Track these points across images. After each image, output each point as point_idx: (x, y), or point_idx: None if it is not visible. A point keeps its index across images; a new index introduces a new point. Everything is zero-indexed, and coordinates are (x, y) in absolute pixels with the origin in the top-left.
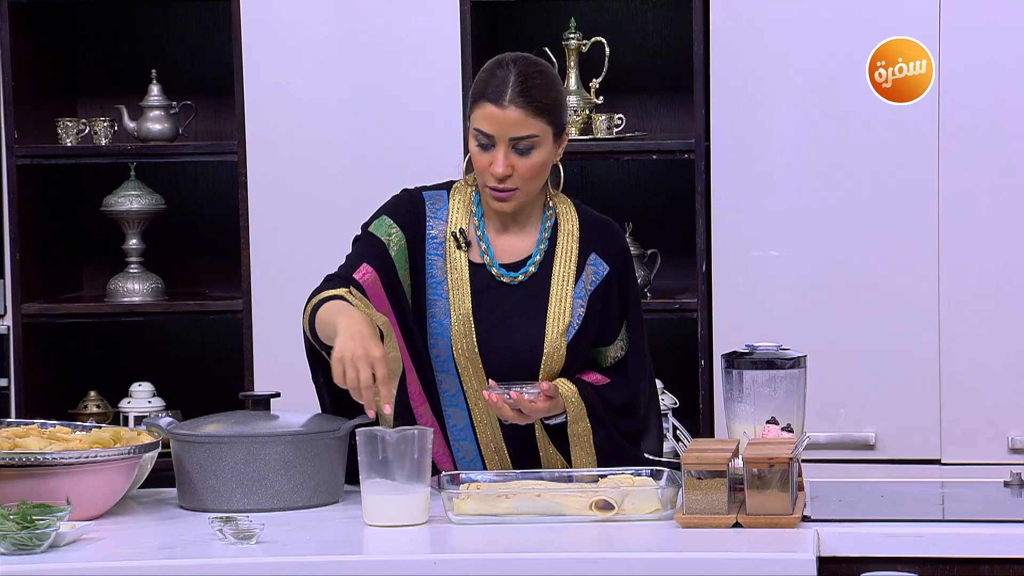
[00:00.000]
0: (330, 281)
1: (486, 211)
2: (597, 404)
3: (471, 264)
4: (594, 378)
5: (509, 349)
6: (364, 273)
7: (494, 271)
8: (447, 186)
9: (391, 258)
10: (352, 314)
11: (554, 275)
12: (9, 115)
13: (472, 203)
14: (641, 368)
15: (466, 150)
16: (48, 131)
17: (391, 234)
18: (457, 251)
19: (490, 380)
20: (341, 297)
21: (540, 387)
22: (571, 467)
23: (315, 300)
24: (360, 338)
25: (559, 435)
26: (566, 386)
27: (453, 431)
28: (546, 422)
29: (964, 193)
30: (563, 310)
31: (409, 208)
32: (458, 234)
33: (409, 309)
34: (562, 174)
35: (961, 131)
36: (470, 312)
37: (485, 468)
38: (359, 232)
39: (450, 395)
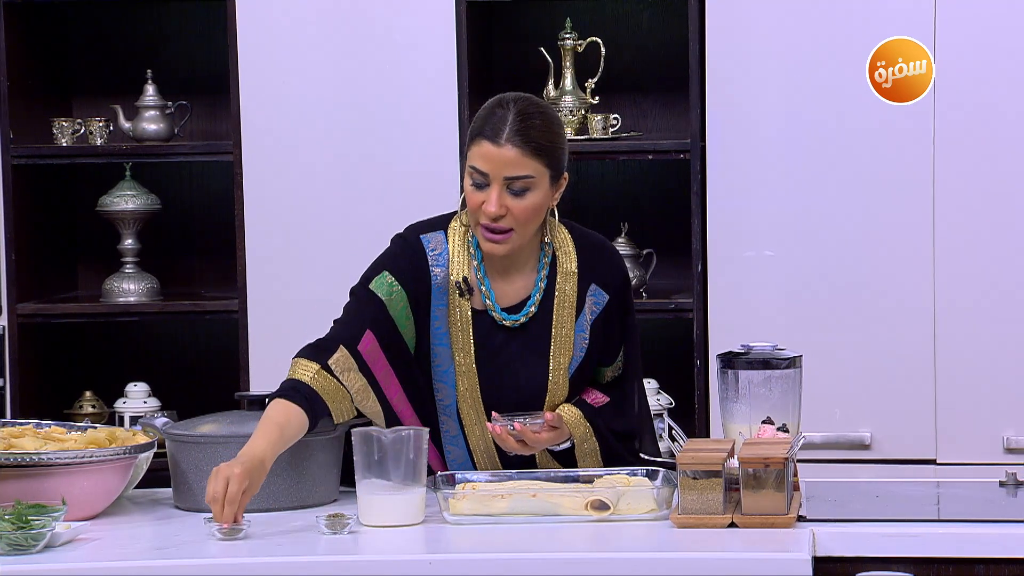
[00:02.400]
0: (323, 341)
1: (485, 254)
2: (600, 425)
3: (473, 311)
4: (594, 397)
5: (512, 392)
6: (367, 344)
7: (496, 316)
8: (443, 224)
9: (391, 318)
10: (254, 441)
11: (555, 317)
12: (4, 115)
13: (471, 247)
14: (637, 391)
15: (462, 150)
16: (43, 131)
17: (392, 293)
18: (460, 299)
19: (492, 413)
20: (303, 385)
21: (544, 417)
22: None
23: (289, 374)
24: (234, 461)
25: (565, 458)
26: (569, 411)
27: (451, 464)
28: (552, 448)
29: (960, 193)
30: (565, 348)
31: (410, 259)
32: (461, 283)
33: (412, 359)
34: (556, 214)
35: (956, 131)
36: (473, 362)
37: None
38: (357, 285)
39: (451, 436)
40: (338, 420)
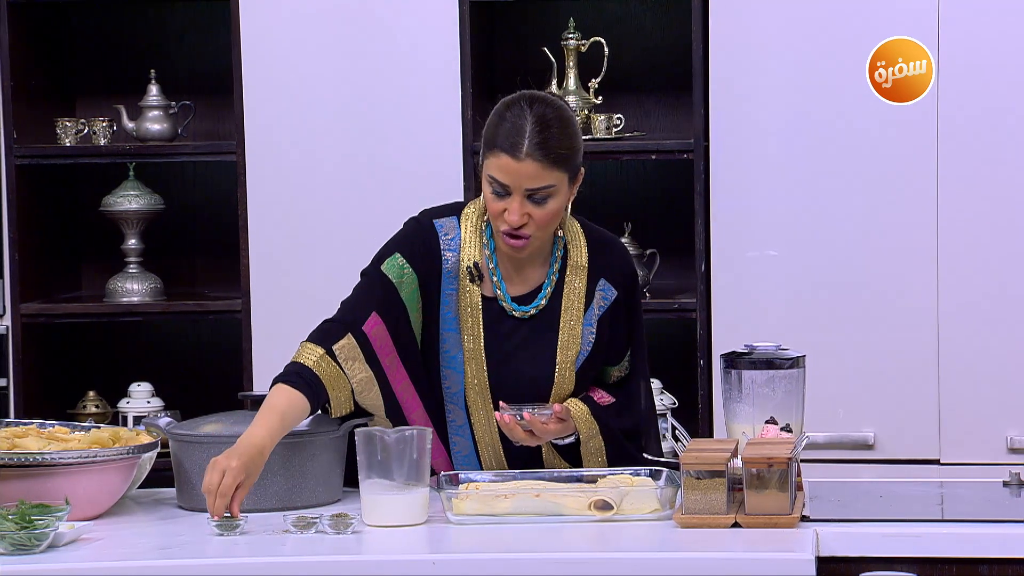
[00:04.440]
0: (330, 325)
1: (498, 244)
2: (607, 423)
3: (483, 298)
4: (600, 396)
5: (519, 382)
6: (373, 325)
7: (505, 305)
8: (456, 210)
9: (402, 301)
10: (255, 427)
11: (564, 309)
12: (8, 115)
13: (484, 234)
14: (643, 390)
15: (465, 149)
16: (47, 131)
17: (403, 275)
18: (470, 285)
19: (500, 402)
20: (306, 370)
21: (552, 408)
22: None
23: (294, 357)
24: (233, 451)
25: (570, 454)
26: (577, 406)
27: (457, 457)
28: (556, 442)
29: (963, 193)
30: (573, 341)
31: (422, 243)
32: (472, 269)
33: (418, 349)
34: (569, 209)
35: (959, 131)
36: (482, 348)
37: None
38: (369, 265)
39: (456, 425)
40: (336, 412)
